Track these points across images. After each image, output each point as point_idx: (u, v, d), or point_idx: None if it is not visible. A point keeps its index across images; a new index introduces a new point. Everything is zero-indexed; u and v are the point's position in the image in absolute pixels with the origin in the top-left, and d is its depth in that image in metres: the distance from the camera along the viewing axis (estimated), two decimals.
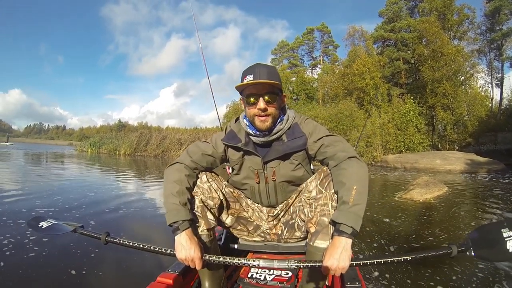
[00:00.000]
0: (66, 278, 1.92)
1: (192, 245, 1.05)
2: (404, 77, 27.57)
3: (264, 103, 1.16)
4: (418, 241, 3.01)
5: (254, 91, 1.16)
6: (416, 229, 3.43)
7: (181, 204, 1.12)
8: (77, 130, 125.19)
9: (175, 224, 1.08)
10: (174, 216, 1.09)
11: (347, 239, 0.97)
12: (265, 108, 1.16)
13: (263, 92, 1.16)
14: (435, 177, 9.76)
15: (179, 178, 1.19)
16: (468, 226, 3.49)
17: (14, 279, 1.94)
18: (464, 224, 3.59)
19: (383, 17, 29.51)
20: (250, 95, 1.17)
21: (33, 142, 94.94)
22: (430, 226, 3.54)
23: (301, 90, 29.09)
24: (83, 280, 1.90)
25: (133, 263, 2.25)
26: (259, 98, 1.16)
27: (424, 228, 3.44)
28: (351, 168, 1.08)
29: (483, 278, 2.06)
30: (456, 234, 3.21)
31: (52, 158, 17.12)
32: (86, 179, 7.66)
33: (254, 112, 1.18)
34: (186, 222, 1.09)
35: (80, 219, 3.51)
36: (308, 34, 38.93)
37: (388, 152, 18.52)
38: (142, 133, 25.84)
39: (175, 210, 1.10)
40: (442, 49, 21.24)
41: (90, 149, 26.83)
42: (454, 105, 20.68)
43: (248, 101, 1.18)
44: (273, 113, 1.19)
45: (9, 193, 4.99)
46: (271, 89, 1.16)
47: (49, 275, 1.98)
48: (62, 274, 1.98)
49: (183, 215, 1.09)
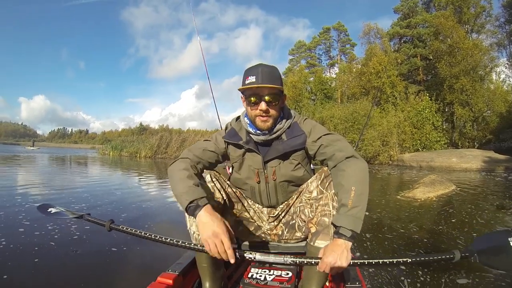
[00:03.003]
0: (65, 278, 1.93)
1: (216, 219, 1.00)
2: (422, 74, 27.09)
3: (265, 105, 1.17)
4: (406, 240, 3.06)
5: (256, 92, 1.18)
6: (407, 227, 3.49)
7: (194, 185, 1.10)
8: (100, 134, 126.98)
9: (193, 204, 1.04)
10: (190, 196, 1.04)
11: (346, 241, 0.97)
12: (267, 109, 1.18)
13: (265, 94, 1.17)
14: (449, 175, 9.78)
15: (186, 167, 1.18)
16: (463, 227, 3.48)
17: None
18: (460, 225, 3.56)
19: (399, 14, 29.10)
20: (251, 96, 1.19)
21: (57, 146, 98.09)
22: (423, 224, 3.62)
23: (319, 90, 29.12)
24: (83, 280, 1.89)
25: (133, 263, 2.26)
26: (261, 99, 1.18)
27: (415, 227, 3.51)
28: (349, 169, 1.09)
29: (488, 284, 2.03)
30: (448, 234, 3.22)
31: (76, 160, 17.87)
32: (110, 179, 8.32)
33: (256, 113, 1.20)
34: (204, 198, 1.06)
35: (111, 214, 3.78)
36: (324, 33, 38.85)
37: (405, 151, 18.39)
38: (162, 135, 26.45)
39: (190, 191, 1.06)
40: (459, 43, 20.81)
41: (112, 152, 27.63)
42: (473, 101, 20.21)
43: (250, 101, 1.20)
44: (274, 114, 1.21)
45: (40, 190, 5.55)
46: (272, 91, 1.18)
47: (48, 275, 1.99)
48: (62, 275, 1.99)
49: (200, 193, 1.07)
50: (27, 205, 4.10)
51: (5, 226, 3.11)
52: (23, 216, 3.48)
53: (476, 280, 2.04)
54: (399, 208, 4.59)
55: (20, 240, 2.66)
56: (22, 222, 3.22)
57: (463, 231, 3.28)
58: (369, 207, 1.03)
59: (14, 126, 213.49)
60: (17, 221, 3.27)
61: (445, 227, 3.47)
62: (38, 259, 2.26)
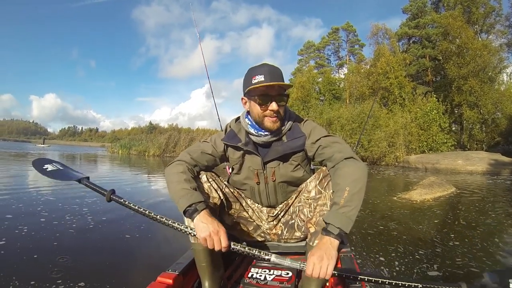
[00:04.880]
0: (65, 278, 1.90)
1: (214, 221, 1.02)
2: (430, 75, 26.86)
3: (276, 105, 1.16)
4: (386, 236, 3.11)
5: (265, 91, 1.16)
6: (387, 225, 3.54)
7: (192, 189, 1.11)
8: (109, 132, 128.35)
9: (191, 207, 1.05)
10: (188, 200, 1.06)
11: (332, 239, 0.96)
12: (277, 109, 1.18)
13: (275, 94, 1.16)
14: (453, 178, 9.82)
15: (183, 170, 1.19)
16: (444, 227, 3.51)
17: None
18: (441, 226, 3.59)
19: (408, 14, 28.89)
20: (262, 96, 1.17)
21: (67, 144, 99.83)
22: (407, 223, 3.68)
23: (327, 91, 29.09)
24: (82, 280, 1.87)
25: (133, 263, 2.25)
26: (272, 99, 1.16)
27: (398, 225, 3.56)
28: (346, 169, 1.09)
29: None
30: (426, 233, 3.26)
31: (86, 158, 18.22)
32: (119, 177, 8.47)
33: (266, 113, 1.18)
34: (202, 203, 1.06)
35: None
36: (333, 33, 38.69)
37: (411, 153, 18.31)
38: (171, 134, 26.82)
39: (188, 194, 1.07)
40: (467, 44, 20.57)
41: (121, 150, 28.19)
42: (481, 102, 19.92)
43: (260, 101, 1.18)
44: (282, 114, 1.21)
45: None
46: (281, 91, 1.18)
47: (46, 275, 1.95)
48: (62, 275, 1.95)
49: (198, 197, 1.07)
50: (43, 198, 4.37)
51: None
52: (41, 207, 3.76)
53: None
54: (390, 208, 4.65)
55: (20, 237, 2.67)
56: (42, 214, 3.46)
57: (441, 232, 3.35)
58: (361, 205, 1.08)
59: (26, 124, 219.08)
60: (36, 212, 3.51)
61: (427, 227, 3.53)
62: (37, 255, 2.25)
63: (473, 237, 3.13)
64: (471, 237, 3.15)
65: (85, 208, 3.93)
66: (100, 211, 3.80)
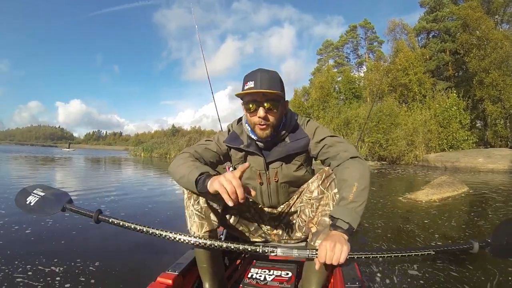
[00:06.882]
0: (65, 278, 1.91)
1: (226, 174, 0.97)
2: (451, 69, 26.07)
3: (264, 112, 1.14)
4: (372, 234, 3.04)
5: (254, 98, 1.14)
6: (376, 225, 3.47)
7: (201, 164, 1.13)
8: (133, 136, 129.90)
9: (202, 175, 1.03)
10: (199, 170, 1.05)
11: (342, 234, 0.96)
12: (265, 116, 1.15)
13: (263, 100, 1.14)
14: (470, 177, 9.62)
15: (189, 156, 1.21)
16: (437, 231, 3.27)
17: None
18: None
19: (425, 7, 28.16)
20: (250, 102, 1.16)
21: (92, 148, 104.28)
22: (401, 223, 3.59)
23: (347, 89, 28.86)
24: (82, 281, 1.88)
25: (133, 263, 2.24)
26: (259, 106, 1.15)
27: (391, 225, 3.49)
28: (353, 167, 1.10)
29: (500, 278, 1.96)
30: (410, 233, 3.16)
31: (110, 161, 19.08)
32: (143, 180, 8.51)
33: (255, 121, 1.18)
34: (214, 174, 1.06)
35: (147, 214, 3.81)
36: (351, 31, 38.33)
37: (431, 151, 17.93)
38: (191, 137, 27.50)
39: (198, 167, 1.07)
40: (488, 35, 19.78)
41: (143, 153, 29.19)
42: (504, 96, 19.02)
43: (248, 108, 1.17)
44: (273, 121, 1.18)
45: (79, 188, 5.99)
46: (272, 97, 1.14)
47: (48, 275, 1.95)
48: (61, 275, 1.95)
49: (208, 169, 1.08)
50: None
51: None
52: None
53: (483, 275, 2.00)
54: (390, 208, 4.54)
55: None
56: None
57: (433, 235, 3.16)
58: None
59: (52, 129, 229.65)
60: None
61: (418, 230, 3.30)
62: (38, 255, 2.25)
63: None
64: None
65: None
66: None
